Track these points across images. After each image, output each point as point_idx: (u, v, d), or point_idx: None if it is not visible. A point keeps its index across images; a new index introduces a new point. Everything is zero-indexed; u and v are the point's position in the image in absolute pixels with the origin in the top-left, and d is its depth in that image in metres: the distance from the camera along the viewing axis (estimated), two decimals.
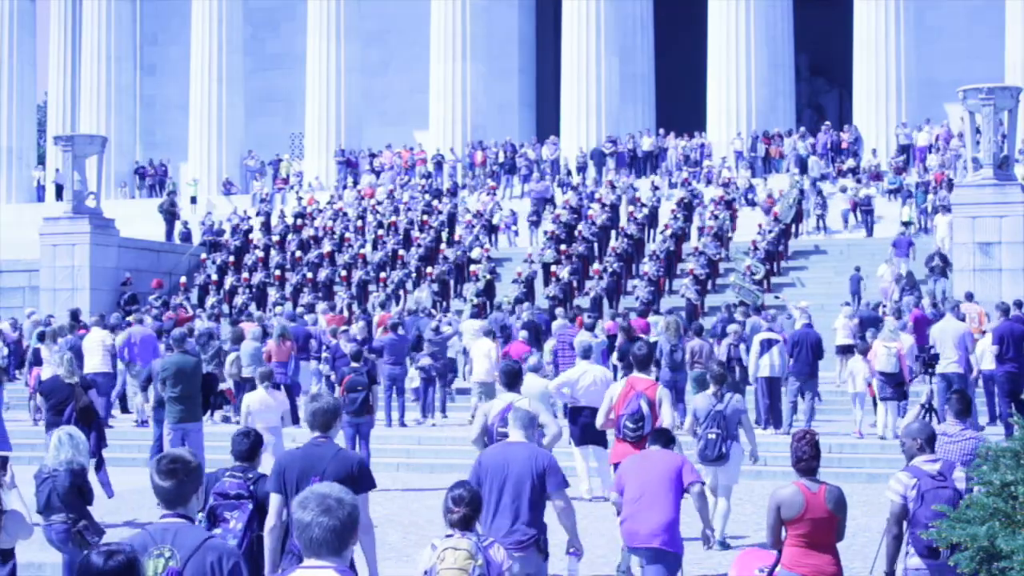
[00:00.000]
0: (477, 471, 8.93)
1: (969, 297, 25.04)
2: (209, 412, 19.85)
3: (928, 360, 19.70)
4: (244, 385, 22.85)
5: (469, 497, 6.96)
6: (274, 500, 8.01)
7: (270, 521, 8.04)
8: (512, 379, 10.97)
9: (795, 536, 8.13)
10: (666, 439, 9.83)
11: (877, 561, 9.48)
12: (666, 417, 11.29)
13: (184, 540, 5.22)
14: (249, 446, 8.55)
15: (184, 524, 5.33)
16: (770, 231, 32.64)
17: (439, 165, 43.07)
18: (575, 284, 32.03)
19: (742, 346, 21.85)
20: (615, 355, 22.88)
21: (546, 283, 32.29)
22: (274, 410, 15.65)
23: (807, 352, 21.02)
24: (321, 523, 4.57)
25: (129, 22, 49.98)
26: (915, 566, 8.52)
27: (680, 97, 46.75)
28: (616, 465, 11.00)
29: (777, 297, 30.43)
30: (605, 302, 30.84)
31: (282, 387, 21.77)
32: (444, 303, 31.87)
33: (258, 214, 39.88)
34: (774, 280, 32.18)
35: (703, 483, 9.81)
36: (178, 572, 5.13)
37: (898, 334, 20.81)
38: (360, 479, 7.82)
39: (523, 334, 24.85)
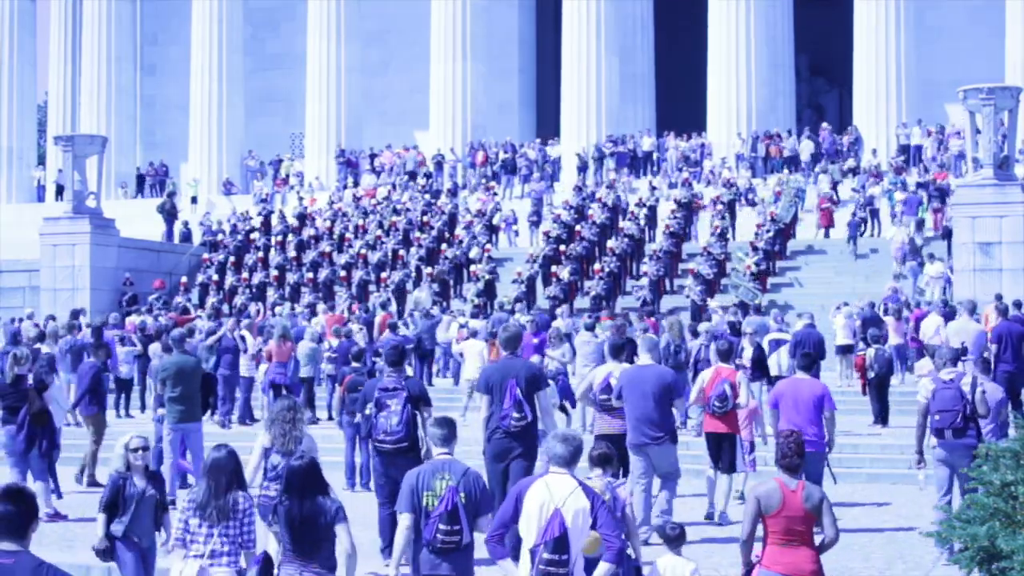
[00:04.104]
0: (620, 387, 12.80)
1: (998, 298, 24.69)
2: (209, 412, 19.86)
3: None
4: (300, 384, 22.89)
5: (603, 448, 9.57)
6: (484, 399, 11.95)
7: (482, 413, 12.00)
8: (617, 351, 13.83)
9: (772, 532, 8.15)
10: (810, 362, 13.72)
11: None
12: (743, 396, 14.17)
13: (456, 468, 8.26)
14: (397, 356, 11.98)
15: (453, 459, 8.36)
16: (767, 231, 32.62)
17: (439, 165, 43.10)
18: (576, 284, 32.05)
19: (713, 346, 21.32)
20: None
21: (546, 283, 32.31)
22: None
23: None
24: (562, 448, 7.69)
25: (129, 22, 49.98)
26: (933, 444, 12.50)
27: (680, 97, 46.74)
28: (707, 435, 14.27)
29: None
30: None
31: (283, 388, 21.81)
32: (444, 303, 31.87)
33: (259, 214, 39.90)
34: (772, 280, 32.18)
35: (835, 409, 13.35)
36: (455, 488, 8.12)
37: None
38: (540, 379, 12.00)
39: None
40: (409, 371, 12.85)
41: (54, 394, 16.76)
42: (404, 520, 8.30)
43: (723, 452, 14.14)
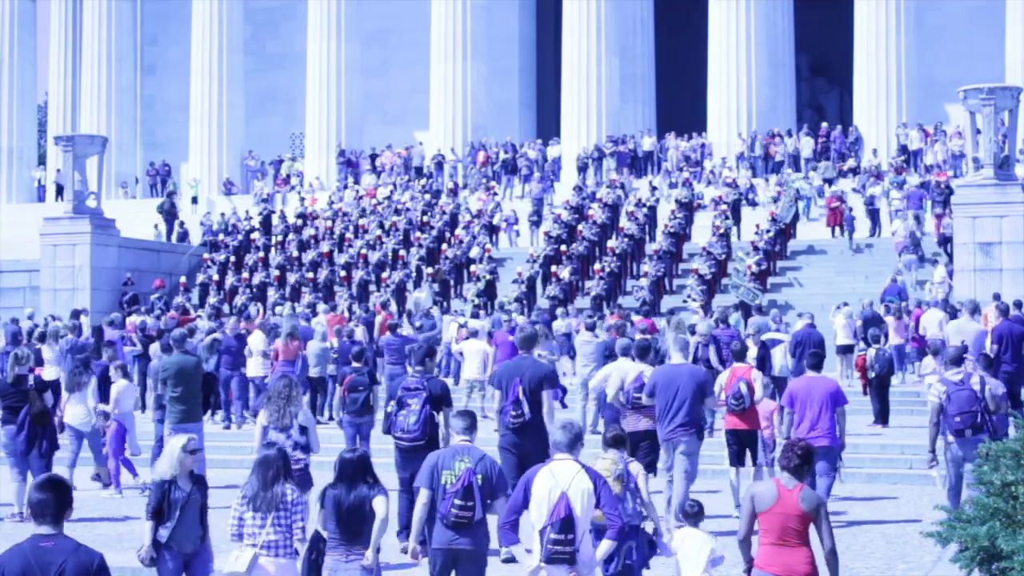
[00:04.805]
0: (653, 385, 13.44)
1: (997, 298, 24.67)
2: (210, 412, 19.86)
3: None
4: (307, 384, 22.86)
5: (617, 430, 10.45)
6: (497, 394, 12.81)
7: (496, 405, 13.00)
8: (645, 352, 14.65)
9: (766, 531, 8.07)
10: (819, 361, 14.20)
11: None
12: (758, 391, 14.77)
13: (474, 453, 9.06)
14: (423, 355, 12.74)
15: (472, 445, 9.15)
16: (767, 231, 32.63)
17: (439, 165, 43.11)
18: (576, 284, 32.05)
19: (712, 347, 21.22)
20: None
21: (546, 283, 32.31)
22: None
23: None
24: (561, 434, 8.42)
25: (129, 23, 49.97)
26: (949, 442, 13.07)
27: (680, 97, 46.75)
28: (728, 432, 14.88)
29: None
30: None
31: None
32: (444, 303, 31.88)
33: (259, 214, 39.88)
34: (772, 280, 32.18)
35: (847, 403, 14.10)
36: (471, 470, 8.85)
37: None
38: (544, 378, 12.50)
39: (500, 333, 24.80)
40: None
41: (85, 396, 16.81)
42: (422, 496, 9.01)
43: (745, 449, 14.74)
